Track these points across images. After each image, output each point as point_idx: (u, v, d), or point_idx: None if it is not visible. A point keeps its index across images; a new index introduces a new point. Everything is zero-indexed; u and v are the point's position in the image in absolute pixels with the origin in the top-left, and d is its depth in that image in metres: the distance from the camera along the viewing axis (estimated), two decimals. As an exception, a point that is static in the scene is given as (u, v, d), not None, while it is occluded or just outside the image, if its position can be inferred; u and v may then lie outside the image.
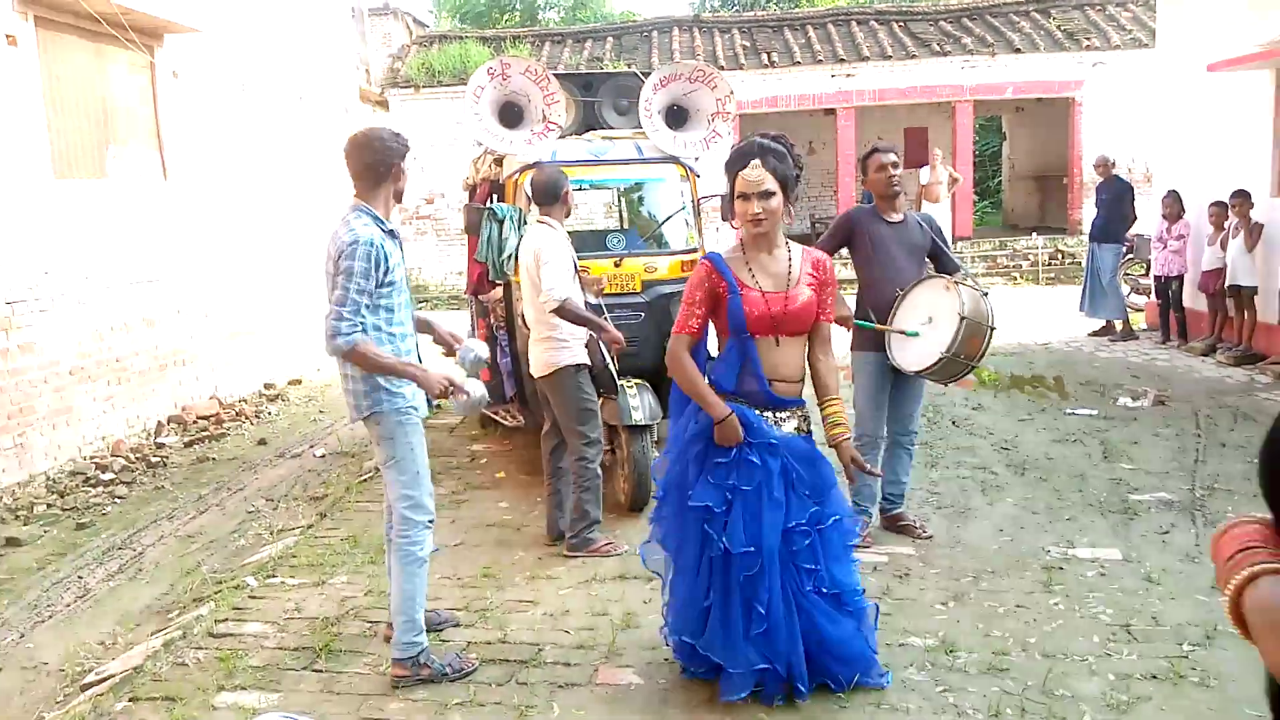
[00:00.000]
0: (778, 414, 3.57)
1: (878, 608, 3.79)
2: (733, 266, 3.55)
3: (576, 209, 18.75)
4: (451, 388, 3.86)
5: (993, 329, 4.90)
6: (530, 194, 5.42)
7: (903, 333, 4.84)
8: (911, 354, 4.84)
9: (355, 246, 3.63)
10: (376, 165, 3.79)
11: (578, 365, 5.10)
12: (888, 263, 4.95)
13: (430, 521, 3.91)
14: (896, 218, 5.01)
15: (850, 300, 5.07)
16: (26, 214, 7.10)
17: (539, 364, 5.13)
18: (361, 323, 3.66)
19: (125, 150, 8.50)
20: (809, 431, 3.66)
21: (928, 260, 5.13)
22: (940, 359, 4.69)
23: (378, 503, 5.07)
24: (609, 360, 5.28)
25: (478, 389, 4.00)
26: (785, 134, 3.64)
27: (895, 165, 4.92)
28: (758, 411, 3.52)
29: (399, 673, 3.79)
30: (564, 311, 4.93)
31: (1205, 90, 10.04)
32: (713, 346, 3.78)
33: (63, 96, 7.71)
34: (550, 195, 5.14)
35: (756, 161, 3.47)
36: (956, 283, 4.78)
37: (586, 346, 5.15)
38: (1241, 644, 3.72)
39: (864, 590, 3.70)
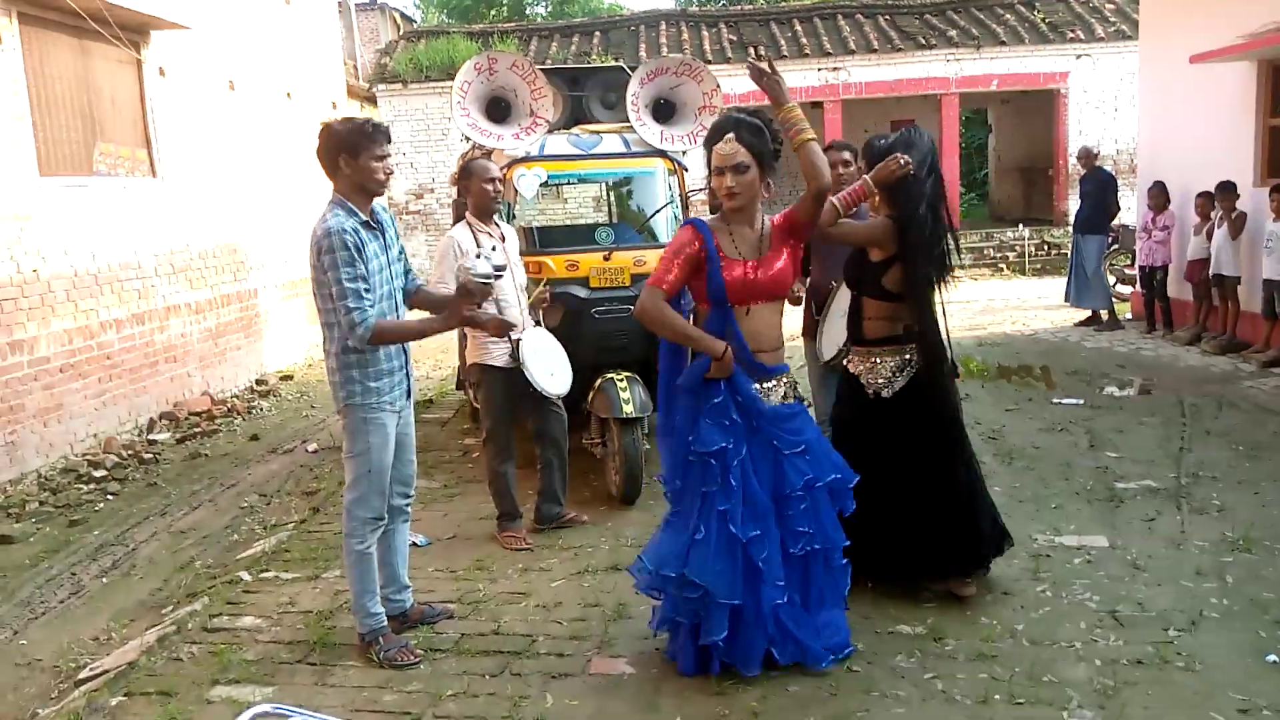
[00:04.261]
0: (764, 384, 3.62)
1: (850, 565, 3.78)
2: (716, 233, 3.59)
3: (565, 203, 18.52)
4: (465, 285, 3.84)
5: None
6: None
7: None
8: (827, 344, 4.94)
9: (329, 239, 3.66)
10: (324, 155, 3.77)
11: (488, 366, 5.13)
12: (831, 257, 4.89)
13: (376, 519, 3.97)
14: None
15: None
16: (13, 211, 7.08)
17: (470, 355, 5.30)
18: (370, 306, 3.68)
19: (113, 147, 8.48)
20: (797, 398, 3.73)
21: None
22: (839, 353, 4.73)
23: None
24: (523, 361, 5.06)
25: (480, 263, 3.89)
26: (764, 109, 3.65)
27: (845, 164, 4.95)
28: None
29: (359, 644, 4.00)
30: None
31: (1188, 81, 10.10)
32: None
33: (48, 94, 7.68)
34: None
35: (730, 136, 3.52)
36: None
37: (512, 355, 5.12)
38: (1226, 629, 3.78)
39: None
